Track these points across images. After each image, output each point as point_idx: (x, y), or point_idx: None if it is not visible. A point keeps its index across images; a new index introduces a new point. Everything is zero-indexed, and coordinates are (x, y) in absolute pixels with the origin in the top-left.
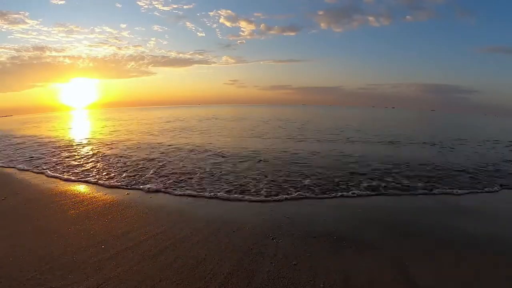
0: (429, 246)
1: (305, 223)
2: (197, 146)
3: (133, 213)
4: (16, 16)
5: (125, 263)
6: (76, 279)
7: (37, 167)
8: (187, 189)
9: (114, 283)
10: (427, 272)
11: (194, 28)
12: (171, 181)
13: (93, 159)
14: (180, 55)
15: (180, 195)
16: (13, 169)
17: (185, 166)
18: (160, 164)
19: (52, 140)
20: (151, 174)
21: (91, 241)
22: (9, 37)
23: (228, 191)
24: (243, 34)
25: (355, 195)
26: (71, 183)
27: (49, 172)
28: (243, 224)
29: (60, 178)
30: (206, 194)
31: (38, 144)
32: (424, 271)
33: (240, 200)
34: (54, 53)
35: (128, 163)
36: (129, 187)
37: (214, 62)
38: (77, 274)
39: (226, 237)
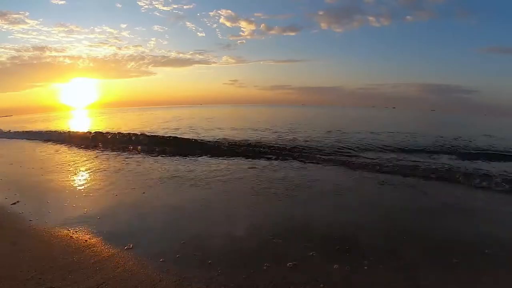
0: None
1: None
2: None
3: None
4: (16, 16)
5: (125, 263)
6: (76, 279)
7: None
8: None
9: (114, 283)
10: (430, 274)
11: (194, 28)
12: None
13: None
14: (180, 55)
15: None
16: None
17: None
18: None
19: None
20: None
21: (91, 241)
22: (9, 37)
23: None
24: (243, 34)
25: None
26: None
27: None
28: None
29: None
30: None
31: None
32: (427, 272)
33: None
34: (54, 53)
35: None
36: None
37: (214, 62)
38: (77, 274)
39: None
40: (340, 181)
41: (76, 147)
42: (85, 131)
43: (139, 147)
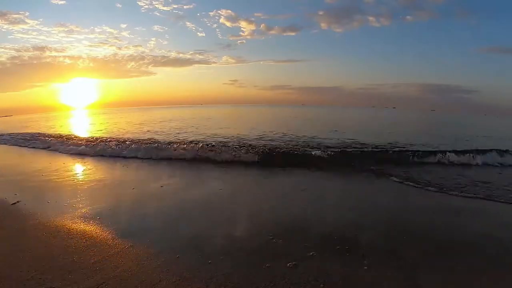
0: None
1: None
2: None
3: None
4: (16, 16)
5: (125, 263)
6: (76, 279)
7: None
8: None
9: (114, 283)
10: (431, 274)
11: (194, 28)
12: None
13: None
14: (180, 55)
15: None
16: None
17: None
18: None
19: None
20: None
21: (91, 241)
22: (9, 37)
23: None
24: (243, 34)
25: None
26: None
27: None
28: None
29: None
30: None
31: None
32: (427, 272)
33: None
34: (54, 53)
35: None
36: None
37: (214, 62)
38: (77, 274)
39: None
40: (344, 184)
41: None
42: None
43: None
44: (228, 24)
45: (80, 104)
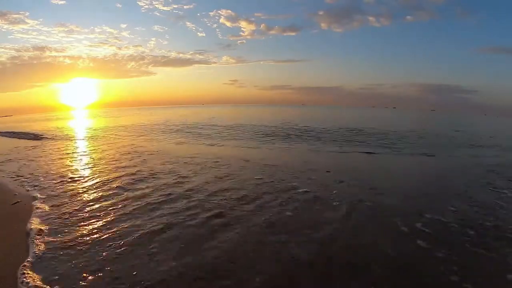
0: None
1: None
2: None
3: None
4: (16, 16)
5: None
6: None
7: None
8: None
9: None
10: None
11: (194, 28)
12: None
13: None
14: (180, 55)
15: None
16: None
17: None
18: None
19: None
20: None
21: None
22: (9, 37)
23: None
24: (243, 34)
25: None
26: None
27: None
28: None
29: None
30: None
31: None
32: None
33: None
34: (54, 53)
35: None
36: None
37: (214, 62)
38: None
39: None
40: None
41: None
42: None
43: None
44: (228, 24)
45: (80, 104)
